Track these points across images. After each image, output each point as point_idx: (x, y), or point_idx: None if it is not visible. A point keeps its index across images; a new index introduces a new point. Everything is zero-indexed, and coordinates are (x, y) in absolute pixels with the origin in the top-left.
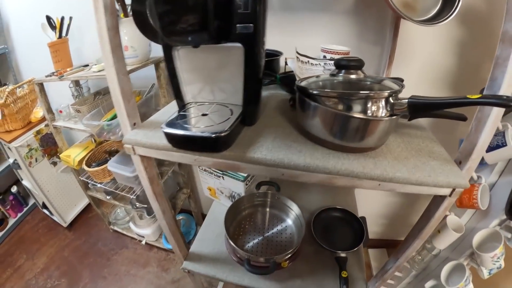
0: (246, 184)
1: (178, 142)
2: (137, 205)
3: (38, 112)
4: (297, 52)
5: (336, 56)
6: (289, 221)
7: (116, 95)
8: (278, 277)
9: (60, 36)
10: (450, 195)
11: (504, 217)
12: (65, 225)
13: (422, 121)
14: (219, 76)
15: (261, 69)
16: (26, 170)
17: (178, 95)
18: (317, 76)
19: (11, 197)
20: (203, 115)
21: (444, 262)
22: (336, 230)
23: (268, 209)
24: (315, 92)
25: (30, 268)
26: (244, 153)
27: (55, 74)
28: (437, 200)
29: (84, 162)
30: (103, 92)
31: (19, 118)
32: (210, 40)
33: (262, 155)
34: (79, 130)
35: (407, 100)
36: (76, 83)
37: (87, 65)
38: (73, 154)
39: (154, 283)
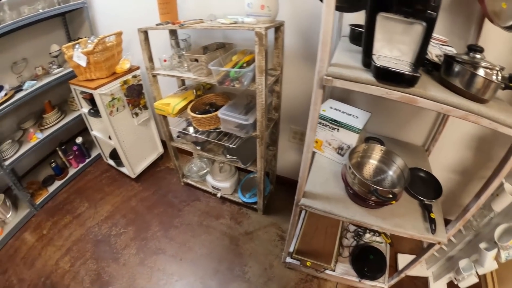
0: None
1: (384, 75)
2: (228, 156)
3: (125, 63)
4: None
5: (439, 42)
6: (391, 172)
7: (326, 36)
8: (381, 215)
9: None
10: None
11: None
12: (133, 176)
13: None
14: (399, 40)
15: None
16: (107, 118)
17: (368, 47)
18: (454, 53)
19: (75, 148)
20: (394, 63)
21: (495, 227)
22: (419, 185)
23: (373, 160)
24: (460, 59)
25: (92, 216)
26: (424, 91)
27: (168, 23)
28: None
29: (189, 109)
30: (211, 48)
31: (105, 67)
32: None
33: (433, 94)
34: (189, 79)
35: (508, 74)
36: (175, 37)
37: (200, 20)
38: (173, 103)
39: (227, 233)
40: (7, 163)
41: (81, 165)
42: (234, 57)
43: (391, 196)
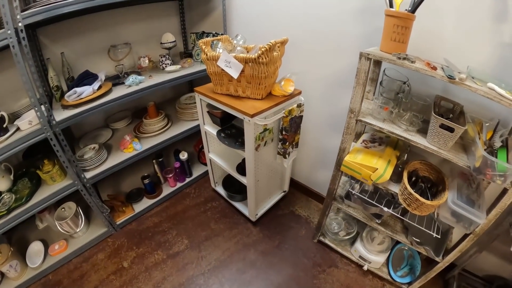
0: None
1: None
2: (415, 239)
3: (289, 84)
4: None
5: None
6: None
7: None
8: None
9: (413, 10)
10: None
11: None
12: (254, 219)
13: None
14: None
15: None
16: (252, 153)
17: None
18: None
19: (177, 164)
20: None
21: None
22: None
23: None
24: None
25: (194, 261)
26: None
27: (405, 58)
28: None
29: (406, 183)
30: (438, 106)
31: (264, 85)
32: None
33: None
34: (426, 148)
35: None
36: (378, 70)
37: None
38: (381, 167)
39: None
40: (88, 175)
41: (179, 185)
42: (469, 129)
43: None
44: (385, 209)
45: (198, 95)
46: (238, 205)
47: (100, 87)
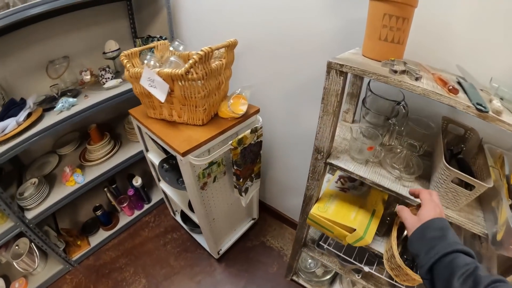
0: None
1: None
2: None
3: (239, 103)
4: None
5: None
6: None
7: None
8: None
9: None
10: None
11: None
12: (216, 256)
13: None
14: None
15: None
16: (196, 193)
17: None
18: None
19: (130, 192)
20: None
21: None
22: None
23: None
24: None
25: None
26: None
27: (407, 74)
28: None
29: (395, 249)
30: (447, 135)
31: (203, 107)
32: None
33: None
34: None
35: None
36: (360, 83)
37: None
38: (361, 226)
39: None
40: (30, 215)
41: (137, 213)
42: (491, 173)
43: None
44: (366, 268)
45: (133, 119)
46: (200, 238)
47: (30, 115)
